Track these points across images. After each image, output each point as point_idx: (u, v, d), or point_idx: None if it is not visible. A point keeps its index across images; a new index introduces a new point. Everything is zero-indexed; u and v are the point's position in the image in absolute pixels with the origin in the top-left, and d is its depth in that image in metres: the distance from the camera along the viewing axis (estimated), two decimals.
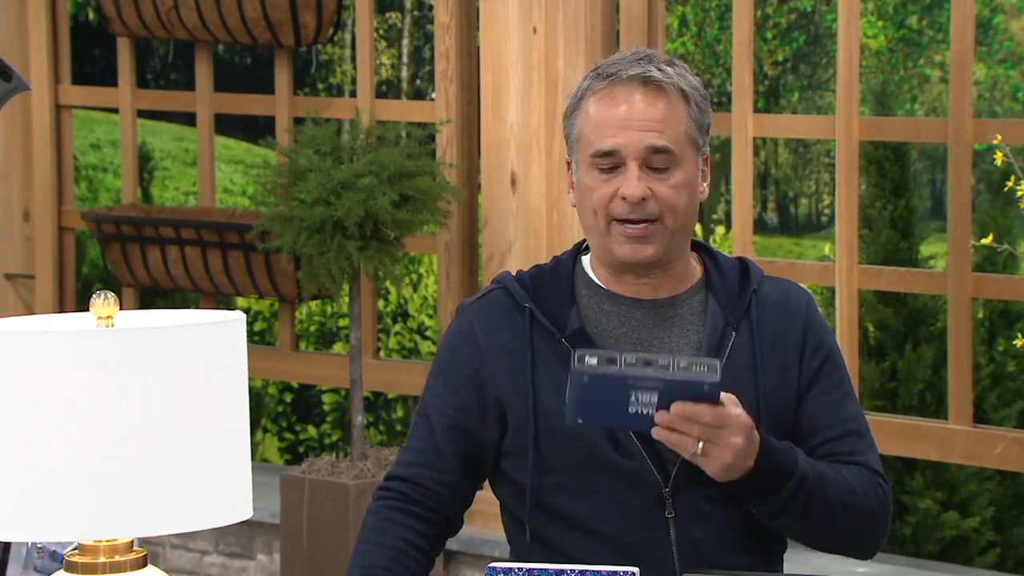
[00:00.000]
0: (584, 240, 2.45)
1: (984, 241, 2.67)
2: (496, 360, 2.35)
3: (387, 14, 13.54)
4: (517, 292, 2.38)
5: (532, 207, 4.57)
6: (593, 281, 2.40)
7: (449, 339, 2.41)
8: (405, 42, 13.63)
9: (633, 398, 2.16)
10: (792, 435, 2.37)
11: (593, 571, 2.03)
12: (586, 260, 2.43)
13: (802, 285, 2.48)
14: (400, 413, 7.90)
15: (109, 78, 5.90)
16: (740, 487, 2.27)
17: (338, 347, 8.24)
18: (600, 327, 2.36)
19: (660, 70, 2.33)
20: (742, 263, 2.43)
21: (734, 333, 2.35)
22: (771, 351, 2.36)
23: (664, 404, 2.16)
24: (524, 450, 2.34)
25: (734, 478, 2.24)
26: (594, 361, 2.16)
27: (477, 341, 2.37)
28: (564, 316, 2.36)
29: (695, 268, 2.41)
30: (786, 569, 2.45)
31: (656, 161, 2.31)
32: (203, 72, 5.51)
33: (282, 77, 5.36)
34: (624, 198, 2.30)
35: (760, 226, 13.05)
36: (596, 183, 2.33)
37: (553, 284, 2.40)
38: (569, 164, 2.41)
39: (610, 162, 2.32)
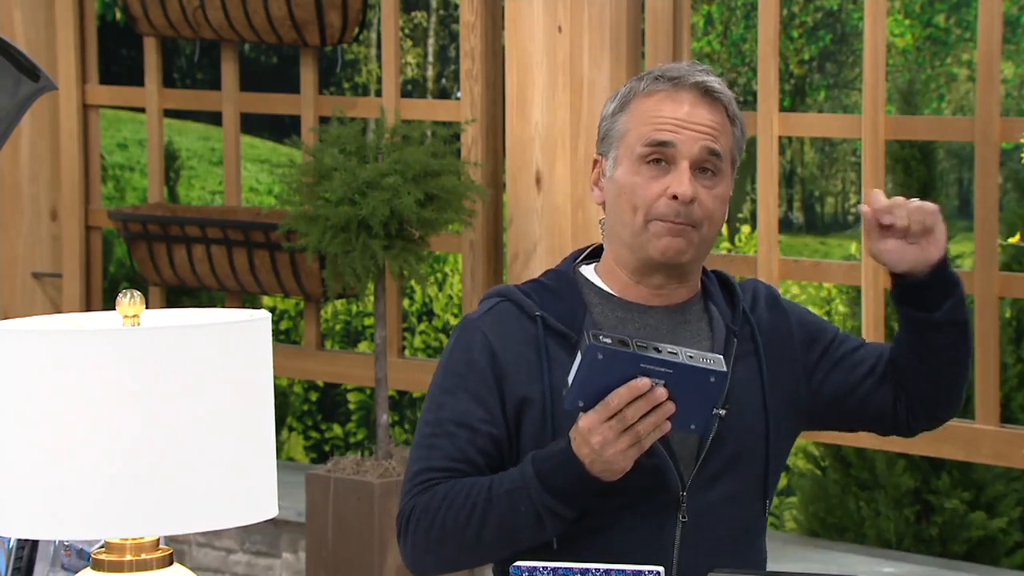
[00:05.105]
0: (579, 251, 2.45)
1: (1011, 240, 2.66)
2: (514, 370, 2.33)
3: (412, 13, 13.55)
4: (525, 302, 2.37)
5: (557, 206, 4.57)
6: (603, 289, 2.39)
7: (463, 353, 2.36)
8: (430, 41, 13.64)
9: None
10: (840, 404, 2.44)
11: (618, 570, 2.03)
12: (587, 270, 2.42)
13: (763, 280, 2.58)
14: None
15: (136, 78, 5.92)
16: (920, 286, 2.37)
17: (363, 346, 8.25)
18: (616, 333, 2.34)
19: (720, 85, 2.39)
20: (717, 274, 2.48)
21: (736, 339, 2.39)
22: (771, 347, 2.42)
23: (671, 390, 2.17)
24: None
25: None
26: (608, 341, 2.16)
27: (494, 352, 2.34)
28: (578, 322, 2.34)
29: (696, 280, 2.45)
30: (807, 567, 2.45)
31: (707, 165, 2.34)
32: (229, 71, 5.52)
33: (308, 76, 5.36)
34: (674, 197, 2.32)
35: (786, 225, 13.01)
36: (642, 179, 2.34)
37: (560, 293, 2.38)
38: (597, 162, 2.41)
39: (660, 155, 2.33)
